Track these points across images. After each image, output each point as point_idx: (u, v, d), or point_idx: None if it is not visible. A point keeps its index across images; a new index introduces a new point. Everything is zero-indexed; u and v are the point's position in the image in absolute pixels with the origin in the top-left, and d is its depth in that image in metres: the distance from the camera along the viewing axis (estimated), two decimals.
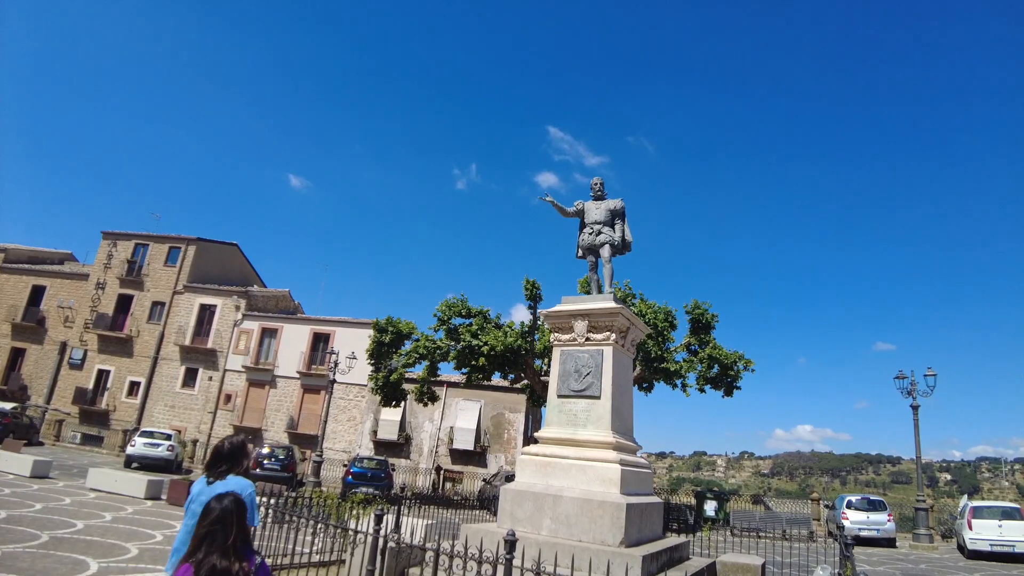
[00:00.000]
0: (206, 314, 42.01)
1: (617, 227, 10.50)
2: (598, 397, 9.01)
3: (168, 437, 28.53)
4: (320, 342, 39.85)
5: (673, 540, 9.32)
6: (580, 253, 10.75)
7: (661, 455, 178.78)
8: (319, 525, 6.96)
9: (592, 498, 8.13)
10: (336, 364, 28.26)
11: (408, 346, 25.90)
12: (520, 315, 27.63)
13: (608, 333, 9.30)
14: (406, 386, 27.48)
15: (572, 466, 8.66)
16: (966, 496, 32.19)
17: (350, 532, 6.63)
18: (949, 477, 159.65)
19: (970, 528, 19.23)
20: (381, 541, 6.22)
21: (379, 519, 6.33)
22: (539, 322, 25.34)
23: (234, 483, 4.28)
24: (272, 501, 7.64)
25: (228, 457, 4.32)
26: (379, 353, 25.67)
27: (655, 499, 9.42)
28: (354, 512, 9.81)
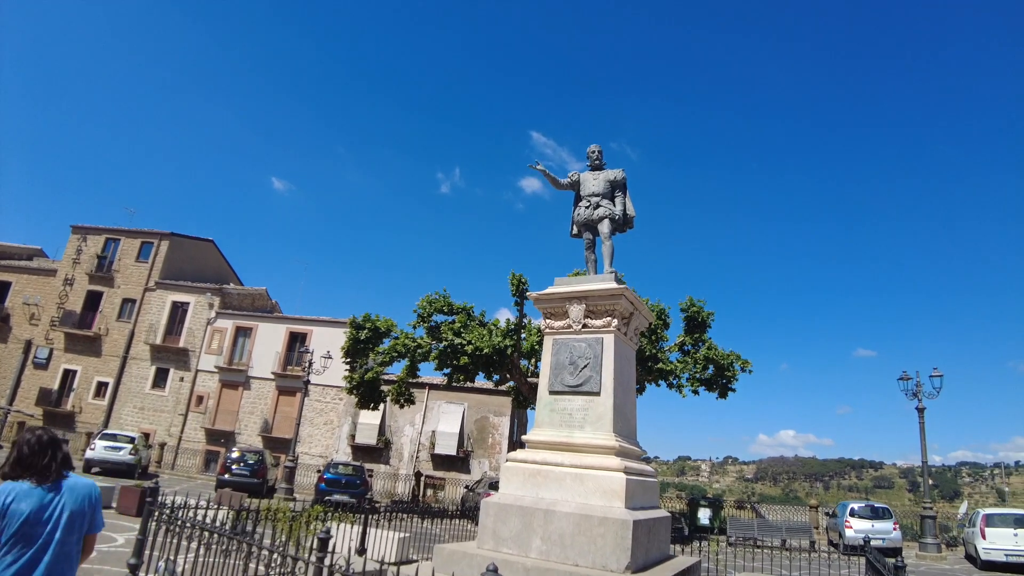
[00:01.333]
0: (178, 312, 40.22)
1: (618, 200, 9.17)
2: (597, 393, 7.65)
3: (131, 440, 26.81)
4: (296, 342, 38.17)
5: (683, 560, 7.98)
6: (575, 230, 9.42)
7: (644, 460, 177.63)
8: (252, 548, 5.55)
9: (591, 513, 6.76)
10: (310, 364, 26.73)
11: (387, 344, 24.38)
12: (504, 320, 26.05)
13: (609, 319, 7.96)
14: (385, 388, 25.96)
15: (567, 475, 7.29)
16: (966, 503, 31.22)
17: (288, 559, 5.22)
18: (931, 482, 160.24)
19: (983, 537, 18.10)
20: (326, 572, 4.81)
21: (324, 544, 4.94)
22: (526, 320, 23.98)
23: (83, 483, 3.46)
24: (197, 516, 6.22)
25: (51, 444, 3.39)
26: (355, 351, 24.11)
27: (663, 513, 8.06)
28: (311, 528, 8.40)
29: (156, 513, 6.82)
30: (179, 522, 6.30)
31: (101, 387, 39.29)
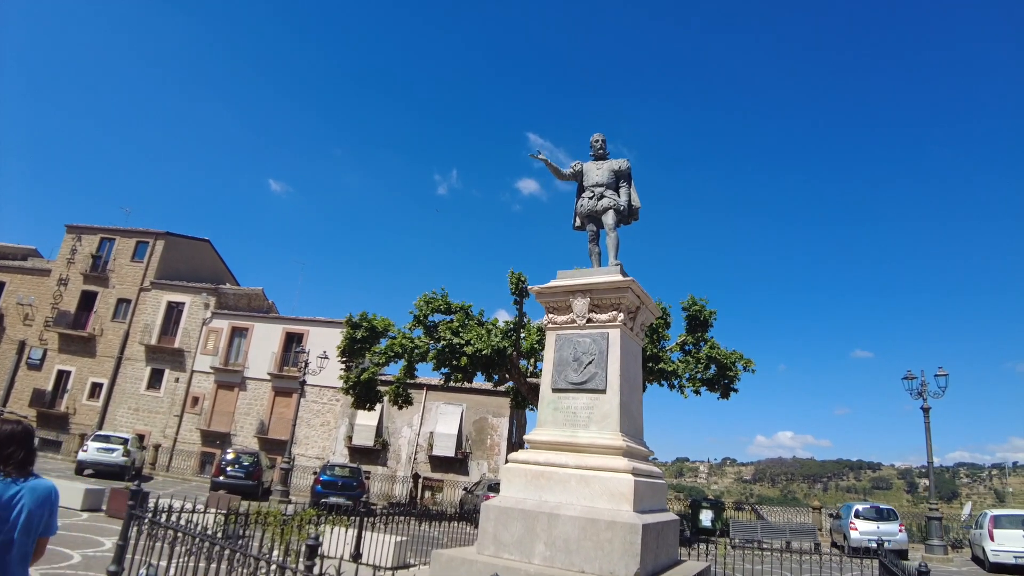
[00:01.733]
0: (174, 312, 39.79)
1: (622, 190, 8.83)
2: (603, 391, 7.30)
3: (125, 441, 26.41)
4: (293, 342, 37.79)
5: (693, 565, 7.63)
6: (578, 222, 9.07)
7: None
8: (237, 555, 5.19)
9: (598, 517, 6.41)
10: (306, 364, 26.36)
11: (384, 344, 23.97)
12: (503, 320, 25.61)
13: (615, 313, 7.61)
14: (382, 388, 25.54)
15: (571, 477, 6.93)
16: (969, 504, 30.89)
17: (275, 567, 4.86)
18: (928, 482, 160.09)
19: (991, 539, 17.76)
20: None
21: (312, 551, 4.59)
22: (525, 319, 23.61)
23: (44, 484, 3.24)
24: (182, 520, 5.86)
25: (24, 438, 3.21)
26: (351, 351, 23.67)
27: (671, 516, 7.71)
28: (303, 532, 8.04)
29: (138, 518, 6.47)
30: (161, 527, 5.94)
31: (95, 388, 38.85)
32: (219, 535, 6.33)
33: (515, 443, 36.03)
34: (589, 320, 7.69)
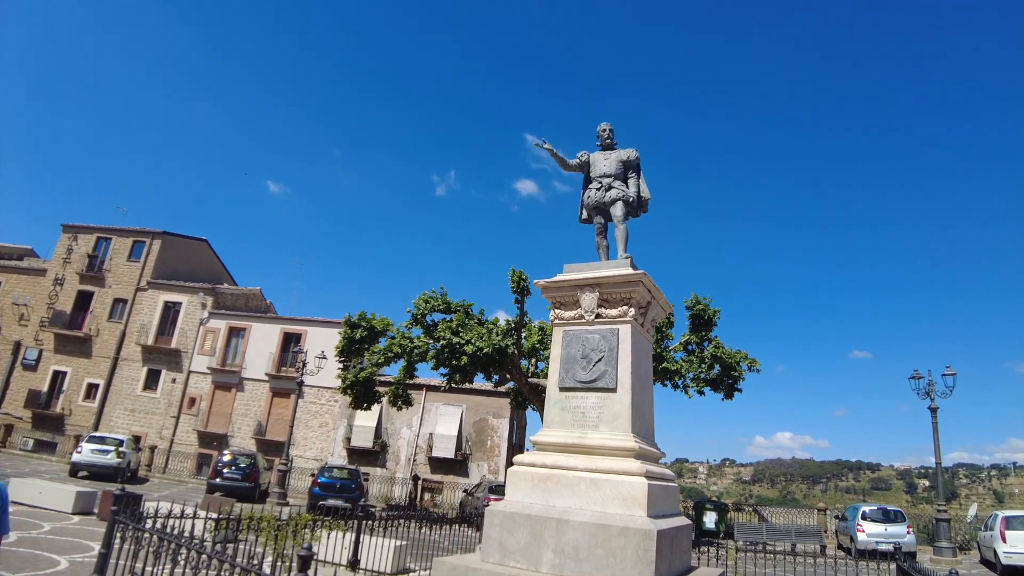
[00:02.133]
0: (171, 312, 39.38)
1: (631, 182, 8.49)
2: (613, 390, 6.94)
3: (119, 443, 26.01)
4: (291, 343, 37.39)
5: (708, 572, 7.28)
6: (584, 215, 8.73)
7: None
8: (224, 565, 4.83)
9: (610, 523, 6.06)
10: (304, 364, 25.99)
11: (383, 344, 23.59)
12: (503, 319, 25.11)
13: (625, 308, 7.25)
14: (381, 388, 25.16)
15: (581, 480, 6.57)
16: (975, 505, 30.56)
17: None
18: (928, 484, 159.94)
19: (1003, 540, 17.40)
20: None
21: (305, 563, 4.23)
22: (526, 319, 23.25)
23: None
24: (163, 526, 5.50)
25: None
26: (349, 350, 23.30)
27: (684, 520, 7.35)
28: (298, 538, 7.68)
29: (122, 524, 6.11)
30: (147, 534, 5.58)
31: (91, 389, 38.44)
32: (210, 541, 5.98)
33: (515, 444, 35.69)
34: (598, 316, 7.34)
